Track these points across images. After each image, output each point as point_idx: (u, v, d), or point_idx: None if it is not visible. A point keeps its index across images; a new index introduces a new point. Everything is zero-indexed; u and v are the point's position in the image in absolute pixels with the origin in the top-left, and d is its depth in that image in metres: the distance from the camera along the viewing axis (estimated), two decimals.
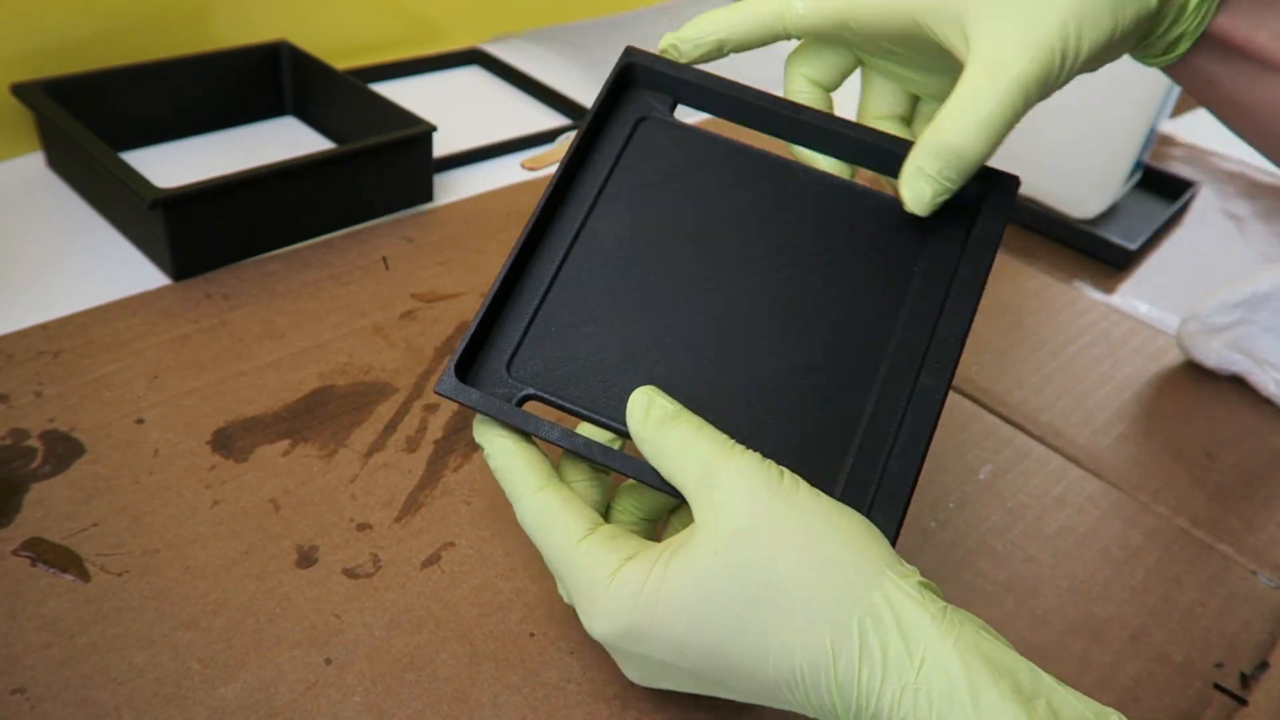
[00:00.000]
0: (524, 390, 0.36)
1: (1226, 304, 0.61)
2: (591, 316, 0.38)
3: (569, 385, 0.36)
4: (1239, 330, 0.61)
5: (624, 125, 0.41)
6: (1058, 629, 0.46)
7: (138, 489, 0.45)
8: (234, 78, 0.73)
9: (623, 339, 0.37)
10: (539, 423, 0.35)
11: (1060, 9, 0.34)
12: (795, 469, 0.33)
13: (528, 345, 0.37)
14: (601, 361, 0.37)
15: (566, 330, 0.37)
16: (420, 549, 0.44)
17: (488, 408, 0.36)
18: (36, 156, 0.68)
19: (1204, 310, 0.63)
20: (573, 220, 0.39)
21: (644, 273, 0.38)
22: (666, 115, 0.42)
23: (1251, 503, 0.55)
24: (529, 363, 0.37)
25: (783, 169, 0.41)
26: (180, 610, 0.40)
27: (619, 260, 0.39)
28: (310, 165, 0.61)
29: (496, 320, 0.38)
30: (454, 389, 0.36)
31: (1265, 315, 0.60)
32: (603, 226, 0.39)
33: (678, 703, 0.39)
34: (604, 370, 0.37)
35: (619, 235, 0.39)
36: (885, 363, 0.37)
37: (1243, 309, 0.61)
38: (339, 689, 0.38)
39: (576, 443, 0.36)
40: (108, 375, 0.50)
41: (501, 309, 0.38)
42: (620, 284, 0.38)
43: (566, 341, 0.37)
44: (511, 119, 0.84)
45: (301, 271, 0.60)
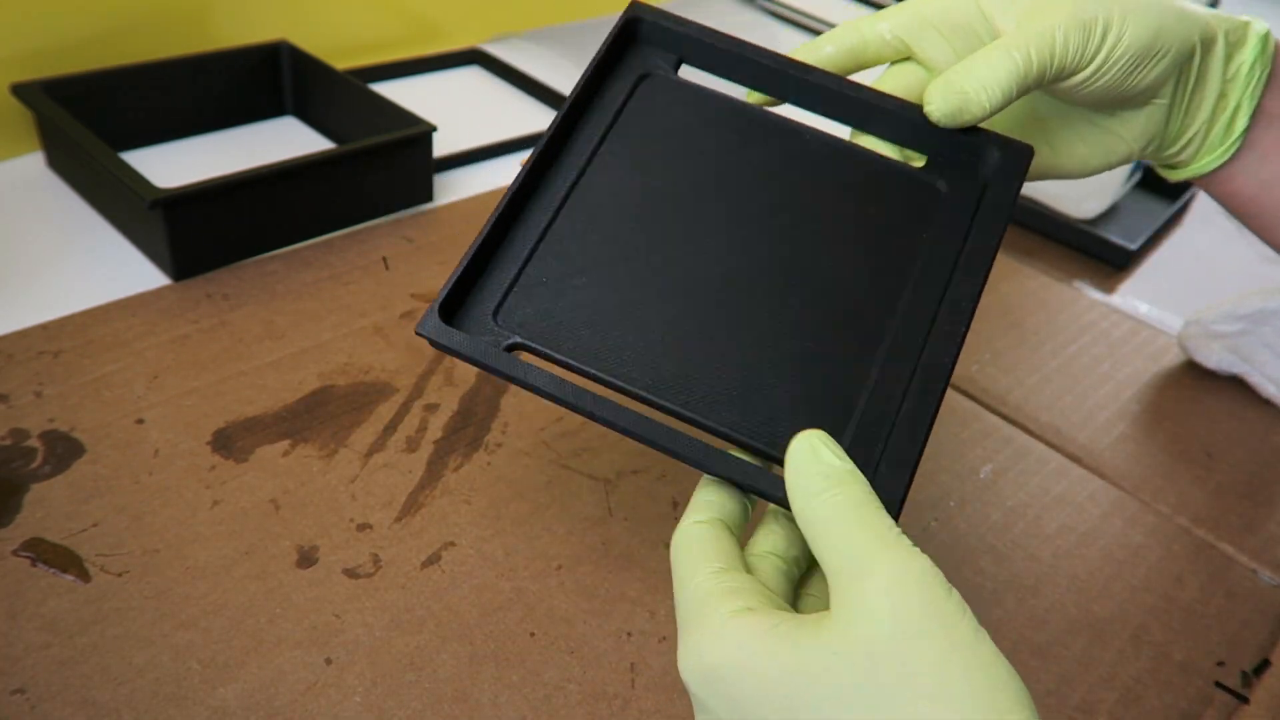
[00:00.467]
0: (511, 338, 0.34)
1: (1232, 315, 0.61)
2: (584, 268, 0.36)
3: (560, 337, 0.34)
4: (1240, 339, 0.61)
5: (625, 81, 0.40)
6: (1058, 628, 0.45)
7: (138, 489, 0.45)
8: (234, 78, 0.73)
9: (618, 292, 0.35)
10: (526, 368, 0.33)
11: (1101, 8, 0.36)
12: (795, 429, 0.31)
13: (517, 294, 0.35)
14: (595, 314, 0.35)
15: (558, 281, 0.35)
16: (420, 549, 0.44)
17: (472, 351, 0.33)
18: (36, 156, 0.68)
19: (1208, 317, 0.63)
20: (569, 173, 0.38)
21: (642, 228, 0.37)
22: (670, 73, 0.41)
23: (1252, 501, 0.55)
24: (517, 311, 0.35)
25: (789, 131, 0.39)
26: (180, 610, 0.40)
27: (615, 214, 0.37)
28: (310, 165, 0.61)
29: (485, 269, 0.36)
30: (436, 330, 0.33)
31: (1268, 331, 0.60)
32: (599, 180, 0.38)
33: (678, 702, 0.39)
34: (597, 323, 0.35)
35: (616, 190, 0.38)
36: (892, 327, 0.35)
37: (1247, 321, 0.61)
38: (339, 689, 0.38)
39: (566, 390, 0.33)
40: (108, 375, 0.50)
41: (491, 257, 0.36)
42: (616, 238, 0.37)
43: (558, 292, 0.35)
44: (511, 119, 0.84)
45: (301, 271, 0.60)
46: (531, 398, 0.53)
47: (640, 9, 0.40)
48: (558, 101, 0.86)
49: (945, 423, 0.56)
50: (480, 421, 0.51)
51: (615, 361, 0.34)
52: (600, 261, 0.36)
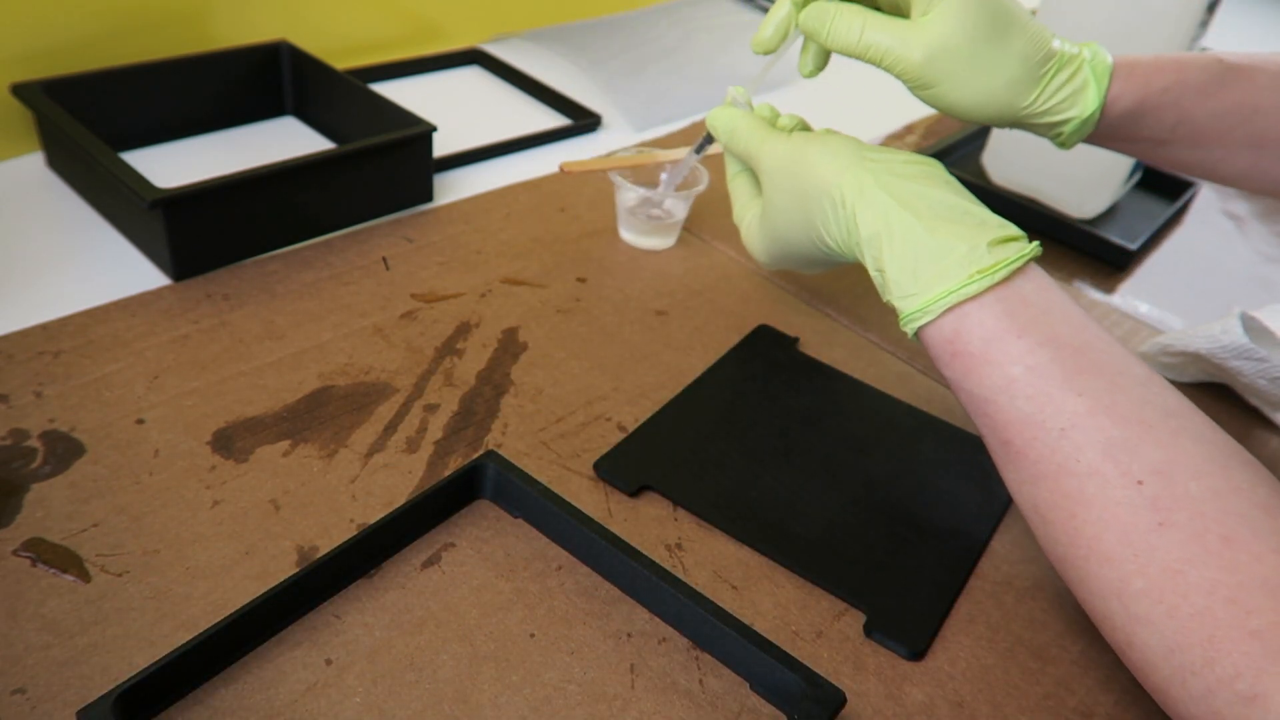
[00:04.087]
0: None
1: (1169, 350, 0.62)
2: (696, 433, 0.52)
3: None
4: (1205, 361, 0.61)
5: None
6: (1057, 629, 0.46)
7: (138, 489, 0.45)
8: (234, 78, 0.73)
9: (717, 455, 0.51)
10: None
11: (950, 60, 0.48)
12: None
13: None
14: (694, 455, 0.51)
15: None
16: (420, 549, 0.44)
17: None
18: (36, 156, 0.68)
19: (1149, 348, 0.63)
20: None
21: (738, 432, 0.53)
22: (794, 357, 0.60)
23: None
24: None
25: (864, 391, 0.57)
26: (180, 610, 0.40)
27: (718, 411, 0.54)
28: (310, 165, 0.61)
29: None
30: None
31: (1208, 366, 0.61)
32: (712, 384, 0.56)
33: (678, 703, 0.39)
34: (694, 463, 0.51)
35: (725, 396, 0.55)
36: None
37: (1184, 358, 0.61)
38: (339, 689, 0.38)
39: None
40: (108, 375, 0.50)
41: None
42: (717, 428, 0.53)
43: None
44: (511, 119, 0.84)
45: (301, 271, 0.60)
46: (531, 398, 0.53)
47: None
48: (558, 102, 0.86)
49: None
50: (480, 421, 0.51)
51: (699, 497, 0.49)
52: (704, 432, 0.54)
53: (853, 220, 0.45)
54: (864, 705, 0.41)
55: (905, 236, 0.43)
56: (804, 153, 0.48)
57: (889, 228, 0.43)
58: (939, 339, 0.43)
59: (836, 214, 0.46)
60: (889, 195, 0.44)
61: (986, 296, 0.41)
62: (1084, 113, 0.51)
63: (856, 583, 0.45)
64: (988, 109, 0.50)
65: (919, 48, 0.48)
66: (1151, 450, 0.38)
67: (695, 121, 0.88)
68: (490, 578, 0.43)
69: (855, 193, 0.45)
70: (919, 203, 0.43)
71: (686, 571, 0.45)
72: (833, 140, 0.48)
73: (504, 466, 0.46)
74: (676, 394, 0.55)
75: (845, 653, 0.43)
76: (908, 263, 0.43)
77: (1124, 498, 0.38)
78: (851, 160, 0.46)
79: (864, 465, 0.52)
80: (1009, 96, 0.50)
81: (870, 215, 0.44)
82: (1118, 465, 0.38)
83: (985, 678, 0.43)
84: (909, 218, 0.43)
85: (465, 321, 0.58)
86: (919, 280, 0.42)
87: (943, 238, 0.42)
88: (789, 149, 0.49)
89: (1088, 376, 0.40)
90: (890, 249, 0.43)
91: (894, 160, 0.46)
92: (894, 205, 0.43)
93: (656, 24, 1.04)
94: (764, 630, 0.43)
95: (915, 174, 0.45)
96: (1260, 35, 1.44)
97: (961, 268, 0.42)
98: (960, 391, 0.43)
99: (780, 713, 0.40)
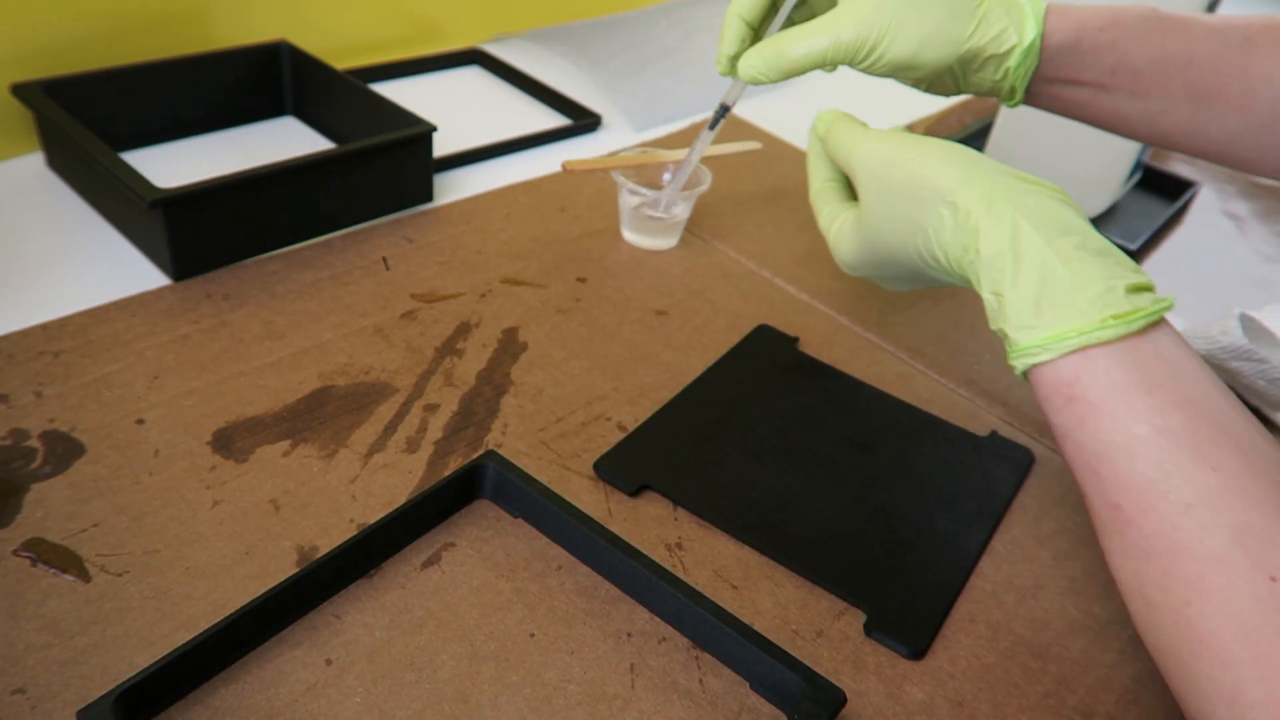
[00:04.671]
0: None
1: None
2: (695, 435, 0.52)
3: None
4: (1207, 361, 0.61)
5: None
6: (1058, 629, 0.46)
7: (138, 489, 0.45)
8: (234, 78, 0.73)
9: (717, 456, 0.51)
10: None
11: (882, 16, 0.50)
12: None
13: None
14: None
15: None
16: (420, 549, 0.44)
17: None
18: (36, 156, 0.68)
19: None
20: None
21: (738, 432, 0.53)
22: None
23: None
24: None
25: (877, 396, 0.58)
26: (180, 611, 0.40)
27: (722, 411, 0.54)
28: (310, 165, 0.61)
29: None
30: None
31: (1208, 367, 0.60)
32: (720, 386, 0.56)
33: (678, 703, 0.39)
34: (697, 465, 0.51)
35: (724, 396, 0.55)
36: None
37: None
38: (339, 689, 0.38)
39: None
40: (108, 375, 0.50)
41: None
42: (717, 428, 0.53)
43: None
44: (511, 119, 0.84)
45: (301, 271, 0.60)
46: (531, 398, 0.53)
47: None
48: (558, 102, 0.86)
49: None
50: (480, 421, 0.51)
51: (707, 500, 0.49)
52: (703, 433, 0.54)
53: (974, 235, 0.41)
54: (864, 705, 0.41)
55: (1035, 262, 0.39)
56: (917, 154, 0.44)
57: (1016, 250, 0.39)
58: (1054, 381, 0.39)
59: (955, 226, 0.42)
60: (1020, 214, 0.40)
61: (1119, 345, 0.37)
62: (1025, 40, 0.51)
63: (857, 582, 0.45)
64: (933, 51, 0.51)
65: (849, 25, 0.50)
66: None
67: (695, 122, 0.88)
68: (490, 578, 0.43)
69: (982, 206, 0.41)
70: (1052, 228, 0.39)
71: (686, 571, 0.45)
72: (948, 145, 0.45)
73: (504, 466, 0.46)
74: (676, 394, 0.55)
75: (845, 652, 0.43)
76: (1032, 292, 0.39)
77: (1252, 592, 0.33)
78: (975, 169, 0.42)
79: (864, 465, 0.52)
80: (949, 31, 0.51)
81: (996, 233, 0.40)
82: (1250, 555, 0.34)
83: (985, 677, 0.43)
84: (1041, 243, 0.39)
85: (465, 321, 0.58)
86: (1042, 313, 0.38)
87: (1078, 271, 0.38)
88: (896, 149, 0.46)
89: (1224, 451, 0.35)
90: (1015, 273, 0.39)
91: (1020, 176, 0.42)
92: (1026, 226, 0.39)
93: (656, 24, 1.04)
94: (764, 630, 0.43)
95: (1047, 196, 0.41)
96: None
97: (1095, 309, 0.37)
98: (1068, 442, 0.39)
99: (780, 712, 0.40)
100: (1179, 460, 0.35)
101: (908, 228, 0.44)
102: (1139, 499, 0.36)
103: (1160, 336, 0.38)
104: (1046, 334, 0.38)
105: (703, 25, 1.06)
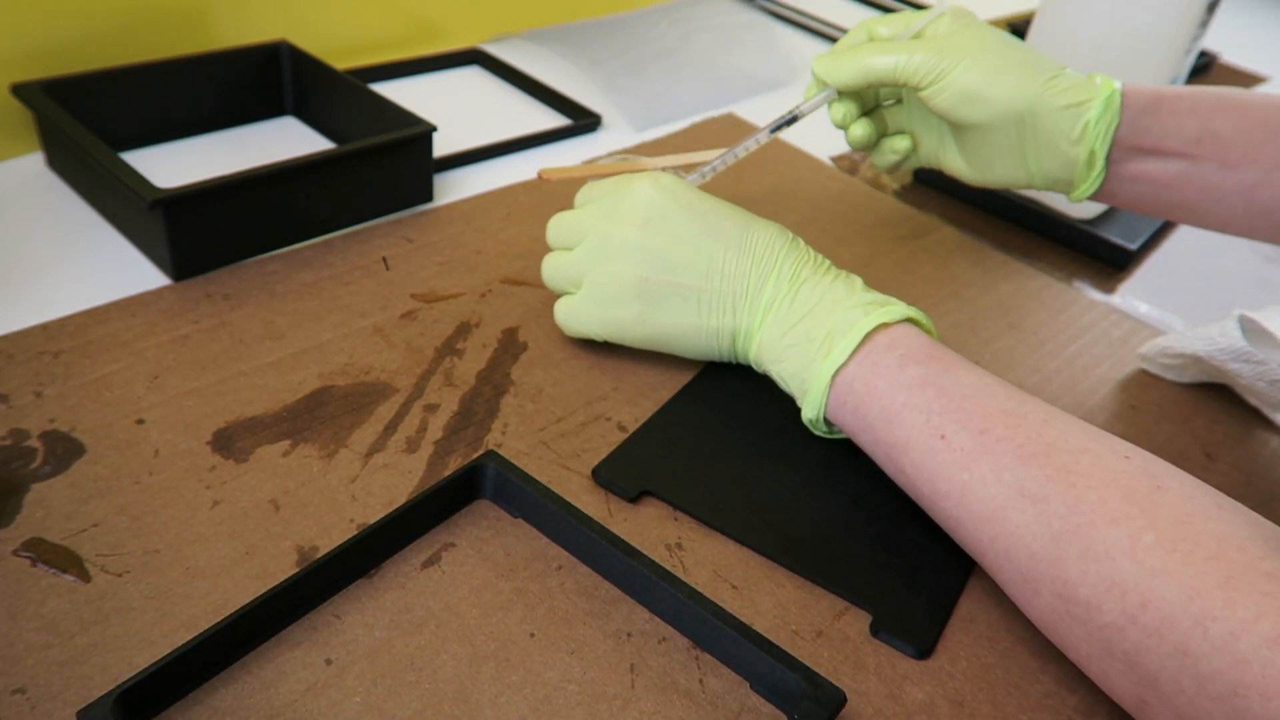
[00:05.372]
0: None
1: (1169, 351, 0.62)
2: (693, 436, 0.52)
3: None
4: (1204, 364, 0.61)
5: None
6: None
7: (138, 489, 0.45)
8: (234, 78, 0.73)
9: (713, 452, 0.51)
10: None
11: (956, 46, 0.54)
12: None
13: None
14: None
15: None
16: (420, 549, 0.44)
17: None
18: (36, 156, 0.68)
19: (1149, 350, 0.63)
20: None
21: (737, 431, 0.53)
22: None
23: (1251, 502, 0.55)
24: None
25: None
26: (180, 611, 0.40)
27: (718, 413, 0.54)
28: (310, 165, 0.61)
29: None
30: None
31: (1208, 368, 0.60)
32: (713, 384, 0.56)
33: (677, 703, 0.39)
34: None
35: (724, 395, 0.55)
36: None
37: (1184, 359, 0.61)
38: (339, 689, 0.38)
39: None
40: (108, 375, 0.50)
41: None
42: (716, 428, 0.53)
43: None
44: (511, 119, 0.84)
45: (301, 271, 0.60)
46: (531, 397, 0.53)
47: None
48: (558, 102, 0.86)
49: None
50: (480, 421, 0.51)
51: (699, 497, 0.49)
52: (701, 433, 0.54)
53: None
54: (864, 704, 0.41)
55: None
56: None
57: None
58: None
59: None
60: None
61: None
62: (1104, 90, 0.51)
63: (859, 582, 0.45)
64: (1002, 84, 0.51)
65: (924, 48, 0.53)
66: (1121, 442, 0.41)
67: (695, 122, 0.88)
68: (490, 578, 0.43)
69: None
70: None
71: (686, 571, 0.45)
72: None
73: (504, 466, 0.46)
74: (675, 394, 0.55)
75: (845, 652, 0.43)
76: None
77: (1119, 465, 0.39)
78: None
79: (864, 464, 0.52)
80: (1023, 71, 0.51)
81: None
82: (1103, 442, 0.41)
83: (986, 677, 0.43)
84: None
85: (465, 321, 0.58)
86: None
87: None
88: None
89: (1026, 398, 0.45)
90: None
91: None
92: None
93: (656, 24, 1.04)
94: (764, 630, 0.43)
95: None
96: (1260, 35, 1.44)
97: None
98: (917, 401, 0.45)
99: (780, 712, 0.40)
100: (1020, 395, 0.44)
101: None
102: (1006, 420, 0.42)
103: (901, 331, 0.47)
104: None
105: (703, 25, 1.06)
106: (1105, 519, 0.38)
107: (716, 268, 0.50)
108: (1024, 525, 0.40)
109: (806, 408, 0.49)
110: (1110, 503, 0.38)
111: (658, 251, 0.50)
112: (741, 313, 0.50)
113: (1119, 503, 0.38)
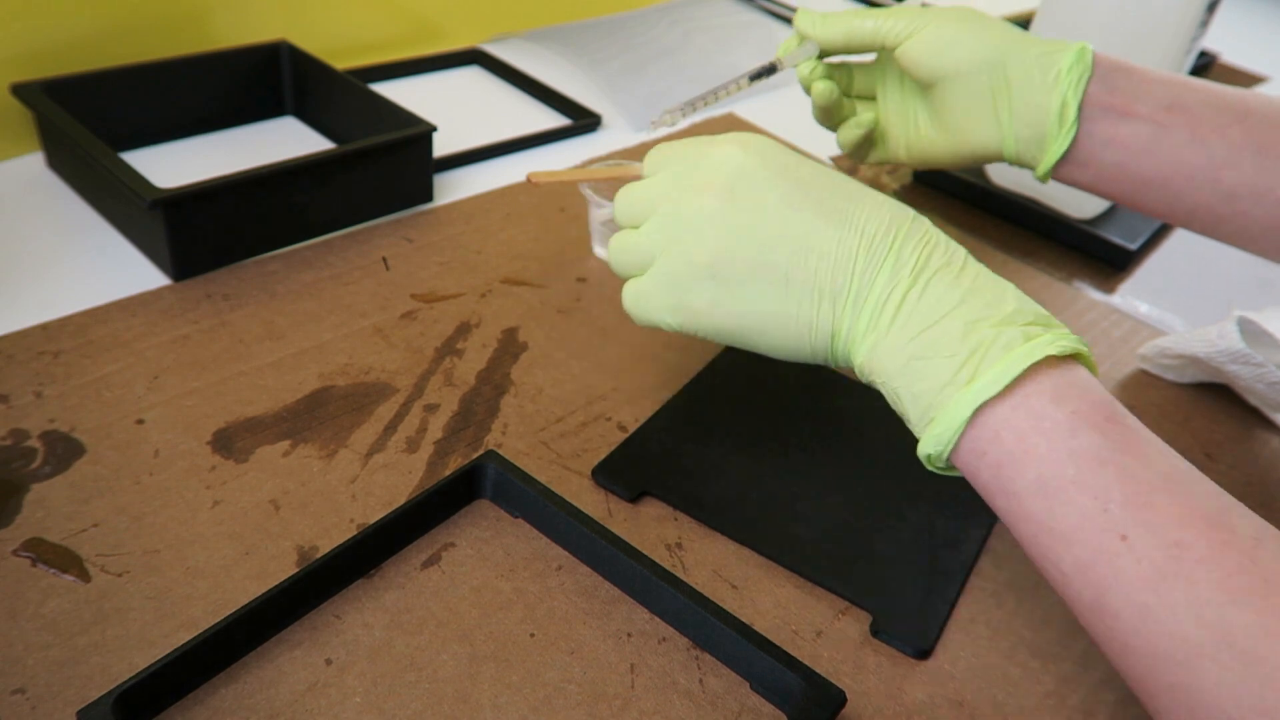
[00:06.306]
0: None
1: (1168, 352, 0.62)
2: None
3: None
4: (1204, 364, 0.61)
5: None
6: (1058, 629, 0.46)
7: (138, 489, 0.45)
8: (234, 78, 0.73)
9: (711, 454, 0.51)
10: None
11: (932, 12, 0.54)
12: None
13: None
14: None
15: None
16: (419, 549, 0.44)
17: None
18: (36, 156, 0.68)
19: (1148, 350, 0.63)
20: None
21: (737, 432, 0.53)
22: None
23: (1250, 502, 0.54)
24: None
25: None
26: (180, 611, 0.40)
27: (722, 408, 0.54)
28: (310, 165, 0.61)
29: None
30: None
31: (1207, 368, 0.60)
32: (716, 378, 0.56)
33: (678, 703, 0.39)
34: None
35: (723, 395, 0.55)
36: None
37: (1183, 360, 0.61)
38: (339, 689, 0.38)
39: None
40: (108, 375, 0.50)
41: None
42: (716, 428, 0.53)
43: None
44: (511, 119, 0.84)
45: (301, 271, 0.60)
46: (531, 398, 0.53)
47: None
48: (558, 102, 0.86)
49: None
50: (480, 421, 0.51)
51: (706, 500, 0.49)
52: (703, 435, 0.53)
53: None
54: (864, 705, 0.41)
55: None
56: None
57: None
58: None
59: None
60: None
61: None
62: (1076, 46, 0.51)
63: (858, 583, 0.45)
64: (975, 37, 0.51)
65: (900, 14, 0.53)
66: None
67: (695, 122, 0.88)
68: (490, 578, 0.43)
69: None
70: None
71: (686, 571, 0.45)
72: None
73: (504, 466, 0.46)
74: (675, 394, 0.55)
75: (845, 652, 0.43)
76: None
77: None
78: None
79: (864, 464, 0.52)
80: (996, 33, 0.51)
81: None
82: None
83: (986, 677, 0.43)
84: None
85: (465, 321, 0.58)
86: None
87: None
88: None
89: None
90: None
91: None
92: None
93: (656, 24, 1.04)
94: (764, 630, 0.43)
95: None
96: (1260, 35, 1.44)
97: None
98: (1090, 482, 0.36)
99: (780, 712, 0.40)
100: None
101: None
102: (1209, 532, 0.34)
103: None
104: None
105: (702, 25, 1.06)
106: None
107: (814, 245, 0.40)
108: (1226, 686, 0.31)
109: (928, 441, 0.39)
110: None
111: (740, 225, 0.42)
112: (844, 306, 0.40)
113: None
